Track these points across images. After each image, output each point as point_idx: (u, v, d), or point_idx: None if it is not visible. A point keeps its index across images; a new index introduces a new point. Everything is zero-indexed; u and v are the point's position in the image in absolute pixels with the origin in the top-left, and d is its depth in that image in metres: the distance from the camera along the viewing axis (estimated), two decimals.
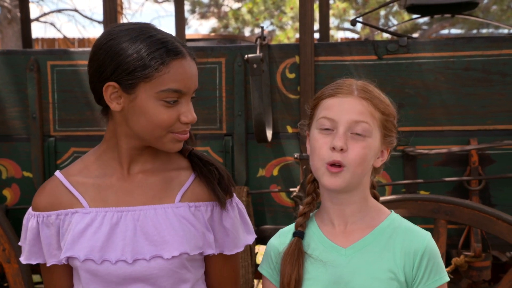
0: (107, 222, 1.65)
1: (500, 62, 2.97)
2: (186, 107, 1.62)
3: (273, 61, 3.12)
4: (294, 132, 3.11)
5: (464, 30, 13.44)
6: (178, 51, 1.61)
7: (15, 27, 9.99)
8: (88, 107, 3.22)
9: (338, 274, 1.59)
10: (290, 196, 3.10)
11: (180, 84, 1.60)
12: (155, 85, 1.58)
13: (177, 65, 1.60)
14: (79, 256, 1.62)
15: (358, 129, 1.56)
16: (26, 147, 3.26)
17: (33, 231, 1.71)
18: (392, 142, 1.65)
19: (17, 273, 3.02)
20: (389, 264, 1.58)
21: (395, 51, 3.02)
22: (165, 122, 1.60)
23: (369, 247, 1.61)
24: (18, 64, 3.25)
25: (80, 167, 1.74)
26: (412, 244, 1.59)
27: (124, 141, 1.68)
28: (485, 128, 3.00)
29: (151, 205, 1.67)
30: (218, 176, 1.71)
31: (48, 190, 1.72)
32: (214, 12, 14.94)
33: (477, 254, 2.90)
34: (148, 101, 1.60)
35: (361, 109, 1.57)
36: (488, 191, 3.02)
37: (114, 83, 1.60)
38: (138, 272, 1.63)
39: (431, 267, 1.59)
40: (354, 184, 1.60)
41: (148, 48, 1.58)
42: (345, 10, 11.47)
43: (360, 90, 1.59)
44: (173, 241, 1.63)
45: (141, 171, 1.71)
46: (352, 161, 1.55)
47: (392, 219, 1.65)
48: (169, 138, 1.64)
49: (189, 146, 1.76)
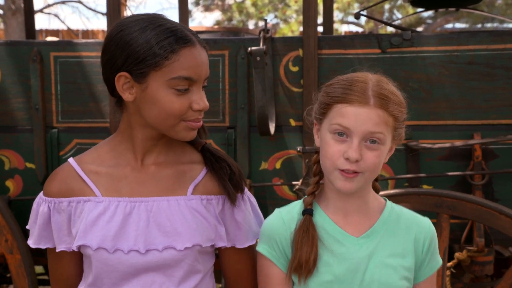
0: (120, 211, 1.65)
1: (504, 56, 2.96)
2: (198, 95, 1.63)
3: (276, 54, 3.11)
4: (297, 125, 3.10)
5: (469, 24, 13.41)
6: (188, 39, 1.61)
7: (19, 18, 9.99)
8: (91, 98, 3.21)
9: (354, 263, 1.62)
10: (292, 189, 3.10)
11: (190, 71, 1.60)
12: (165, 73, 1.59)
13: (186, 52, 1.60)
14: (91, 245, 1.63)
15: (374, 138, 1.57)
16: (29, 138, 3.26)
17: (44, 216, 1.72)
18: (401, 136, 1.66)
19: (20, 264, 3.03)
20: (399, 250, 1.64)
21: (398, 45, 3.00)
22: (177, 110, 1.61)
23: (379, 236, 1.65)
24: (22, 55, 3.25)
25: (93, 156, 1.74)
26: (421, 231, 1.68)
27: (139, 131, 1.69)
28: (488, 122, 2.99)
29: (164, 196, 1.68)
30: (229, 172, 1.72)
31: (60, 176, 1.73)
32: (218, 5, 14.92)
33: (480, 248, 2.90)
34: (159, 89, 1.60)
35: (377, 120, 1.56)
36: (491, 185, 3.01)
37: (125, 73, 1.62)
38: (150, 262, 1.64)
39: (433, 251, 1.69)
40: (365, 186, 1.64)
41: (158, 37, 1.59)
42: (349, 3, 11.45)
43: (376, 97, 1.57)
44: (186, 232, 1.64)
45: (155, 163, 1.72)
46: (367, 168, 1.58)
47: (391, 207, 1.71)
48: (182, 126, 1.64)
49: (203, 141, 1.77)
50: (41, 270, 4.60)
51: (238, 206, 1.74)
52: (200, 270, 1.71)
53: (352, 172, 1.57)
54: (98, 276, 1.66)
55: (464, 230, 3.01)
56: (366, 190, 1.67)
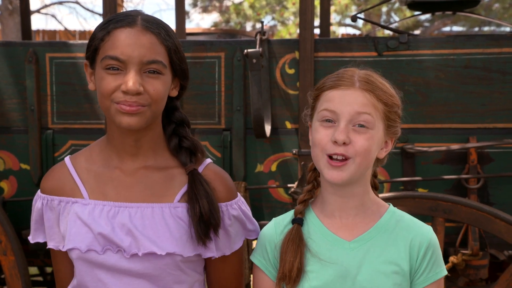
0: (104, 215, 1.64)
1: (500, 61, 2.96)
2: (128, 77, 1.57)
3: (272, 56, 3.10)
4: (293, 127, 3.10)
5: (466, 27, 13.43)
6: (125, 21, 1.60)
7: (16, 18, 9.97)
8: (86, 100, 3.21)
9: (343, 268, 1.58)
10: (288, 192, 3.09)
11: (117, 51, 1.58)
12: (100, 55, 1.61)
13: (118, 33, 1.59)
14: (80, 247, 1.62)
15: (361, 121, 1.54)
16: (23, 139, 3.25)
17: (39, 212, 1.74)
18: (397, 132, 1.64)
19: (13, 265, 3.02)
20: (393, 257, 1.59)
21: (395, 48, 3.00)
22: (105, 89, 1.59)
23: (374, 241, 1.61)
24: (17, 55, 3.24)
25: (86, 155, 1.75)
26: (417, 237, 1.61)
27: (113, 126, 1.68)
28: (484, 126, 2.99)
29: (149, 203, 1.66)
30: (199, 214, 1.63)
31: (55, 174, 1.74)
32: (216, 6, 14.92)
33: (475, 252, 2.90)
34: (98, 71, 1.62)
35: (363, 100, 1.55)
36: (486, 189, 3.01)
37: (86, 61, 1.67)
38: (135, 267, 1.62)
39: (434, 260, 1.62)
40: (357, 177, 1.59)
41: (103, 23, 1.63)
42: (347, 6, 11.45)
43: (362, 81, 1.57)
44: (167, 241, 1.62)
45: (144, 167, 1.70)
46: (357, 153, 1.54)
47: (393, 212, 1.66)
48: (113, 109, 1.60)
49: (191, 166, 1.70)
50: (35, 271, 4.59)
51: (227, 215, 1.70)
52: (185, 281, 1.69)
53: (341, 160, 1.54)
54: (81, 279, 1.66)
55: (459, 233, 3.01)
56: (362, 189, 1.63)
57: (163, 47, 1.62)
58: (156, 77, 1.60)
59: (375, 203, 1.67)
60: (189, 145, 1.72)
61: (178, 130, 1.75)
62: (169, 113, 1.76)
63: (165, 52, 1.62)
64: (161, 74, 1.61)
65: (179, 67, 1.67)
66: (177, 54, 1.66)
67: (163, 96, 1.63)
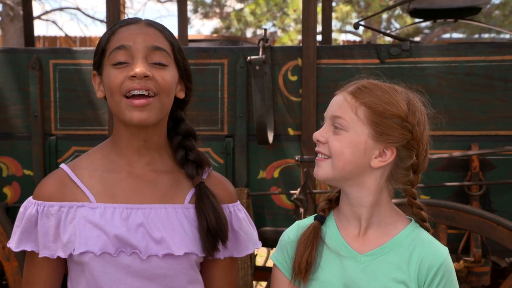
0: (117, 217, 1.62)
1: (502, 68, 2.97)
2: (136, 64, 1.60)
3: (275, 63, 3.11)
4: (296, 134, 3.11)
5: (466, 34, 13.45)
6: (129, 21, 1.66)
7: (17, 24, 10.00)
8: (89, 106, 3.22)
9: (352, 279, 1.56)
10: (290, 199, 3.10)
11: (123, 40, 1.62)
12: (107, 53, 1.64)
13: (123, 29, 1.65)
14: (94, 250, 1.59)
15: (336, 123, 1.57)
16: (27, 145, 3.26)
17: (31, 219, 1.66)
18: (395, 141, 1.56)
19: (17, 271, 3.02)
20: (403, 276, 1.54)
21: (397, 55, 3.01)
22: (113, 82, 1.60)
23: (386, 257, 1.56)
24: (21, 62, 3.25)
25: (87, 162, 1.72)
26: (428, 258, 1.54)
27: (121, 129, 1.68)
28: (486, 133, 3.00)
29: (161, 204, 1.66)
30: (206, 229, 1.65)
31: (52, 180, 1.69)
32: (217, 13, 14.94)
33: (477, 259, 2.90)
34: (106, 72, 1.64)
35: (342, 103, 1.58)
36: (488, 196, 3.01)
37: (94, 71, 1.69)
38: (150, 268, 1.61)
39: (444, 284, 1.54)
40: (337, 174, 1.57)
41: (107, 29, 1.68)
42: (348, 13, 11.47)
43: (354, 85, 1.60)
44: (183, 240, 1.63)
45: (152, 170, 1.70)
46: (332, 151, 1.56)
47: (412, 229, 1.60)
48: (124, 104, 1.60)
49: (199, 178, 1.71)
50: None
51: (236, 216, 1.73)
52: (199, 281, 1.70)
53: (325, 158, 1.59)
54: (95, 283, 1.62)
55: (461, 240, 3.01)
56: (369, 199, 1.58)
57: (167, 42, 1.66)
58: (162, 68, 1.63)
59: (392, 216, 1.62)
60: (195, 158, 1.73)
61: (184, 142, 1.75)
62: (175, 124, 1.77)
63: (169, 46, 1.66)
64: (167, 66, 1.64)
65: (183, 65, 1.70)
66: (181, 53, 1.69)
67: (170, 87, 1.64)
